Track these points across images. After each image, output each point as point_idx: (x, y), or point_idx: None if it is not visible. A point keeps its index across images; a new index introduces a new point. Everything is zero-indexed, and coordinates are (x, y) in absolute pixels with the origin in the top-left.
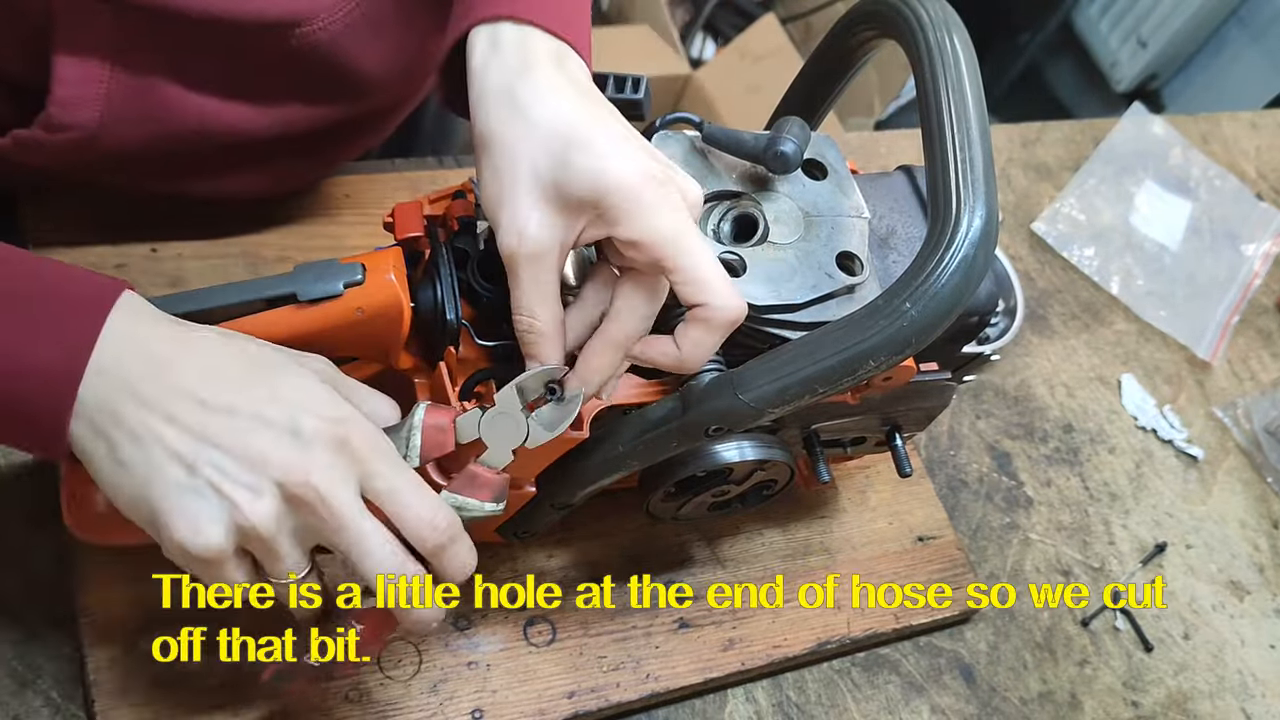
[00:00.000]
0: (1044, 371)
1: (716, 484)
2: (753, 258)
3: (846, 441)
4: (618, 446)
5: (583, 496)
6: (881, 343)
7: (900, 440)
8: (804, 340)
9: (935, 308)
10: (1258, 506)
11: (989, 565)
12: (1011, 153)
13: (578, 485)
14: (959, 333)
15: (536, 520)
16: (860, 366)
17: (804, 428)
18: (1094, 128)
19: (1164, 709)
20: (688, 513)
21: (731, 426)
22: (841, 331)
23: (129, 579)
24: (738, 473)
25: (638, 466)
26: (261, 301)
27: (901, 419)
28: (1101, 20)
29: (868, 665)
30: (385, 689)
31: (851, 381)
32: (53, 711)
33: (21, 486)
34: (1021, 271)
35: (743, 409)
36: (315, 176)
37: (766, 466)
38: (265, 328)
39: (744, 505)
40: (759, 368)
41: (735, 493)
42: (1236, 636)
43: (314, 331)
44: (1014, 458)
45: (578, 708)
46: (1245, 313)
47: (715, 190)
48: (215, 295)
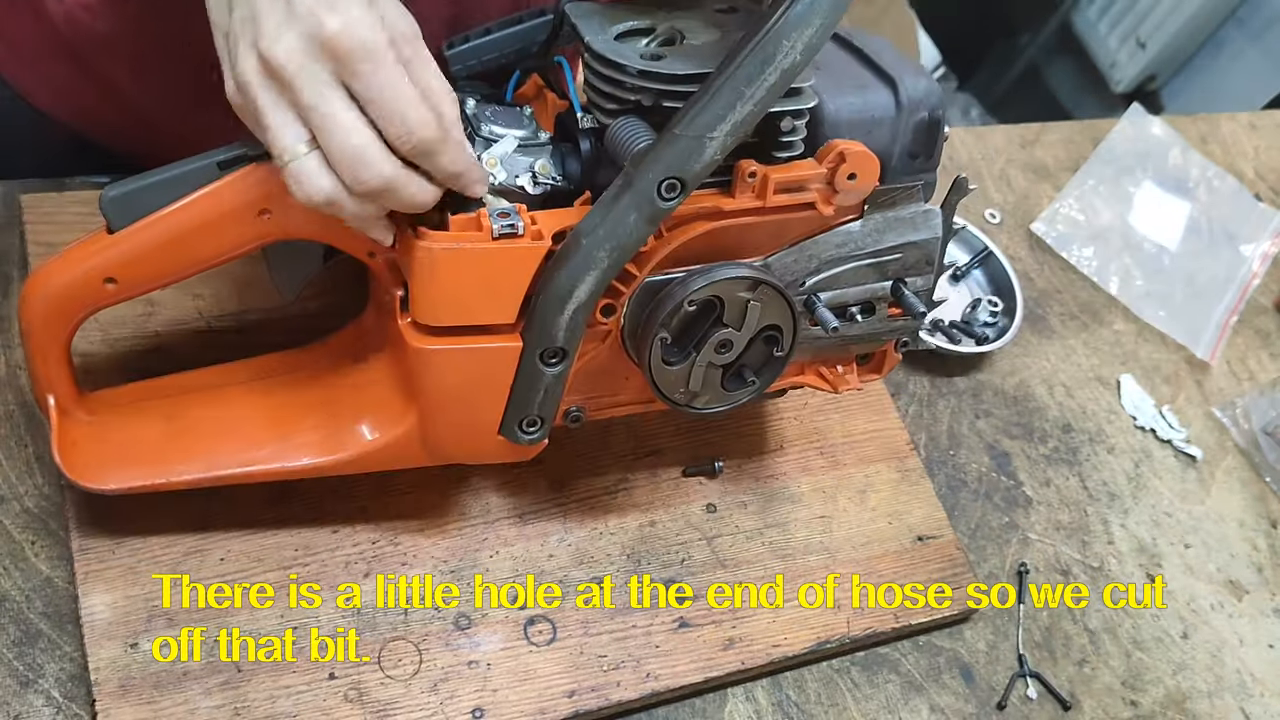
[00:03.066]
0: (1043, 371)
1: (713, 327)
2: (672, 52)
3: (856, 311)
4: (580, 241)
5: (567, 330)
6: (790, 18)
7: (907, 290)
8: (724, 60)
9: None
10: (1256, 506)
11: (988, 565)
12: (1010, 153)
13: (555, 308)
14: (916, 137)
15: (535, 390)
16: (777, 51)
17: (799, 286)
18: (1093, 128)
19: (1163, 708)
20: (700, 389)
21: (681, 175)
22: (751, 33)
23: (129, 579)
24: (731, 309)
25: (606, 263)
26: (214, 167)
27: (899, 267)
28: (1100, 21)
29: (867, 664)
30: (385, 688)
31: (777, 77)
32: (54, 711)
33: (22, 486)
34: (1021, 272)
35: (683, 144)
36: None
37: (758, 293)
38: (224, 191)
39: (759, 378)
40: (689, 107)
41: (740, 347)
42: (1235, 636)
43: (269, 191)
44: (1013, 457)
45: (578, 707)
46: (1244, 313)
47: (631, 26)
48: (173, 169)
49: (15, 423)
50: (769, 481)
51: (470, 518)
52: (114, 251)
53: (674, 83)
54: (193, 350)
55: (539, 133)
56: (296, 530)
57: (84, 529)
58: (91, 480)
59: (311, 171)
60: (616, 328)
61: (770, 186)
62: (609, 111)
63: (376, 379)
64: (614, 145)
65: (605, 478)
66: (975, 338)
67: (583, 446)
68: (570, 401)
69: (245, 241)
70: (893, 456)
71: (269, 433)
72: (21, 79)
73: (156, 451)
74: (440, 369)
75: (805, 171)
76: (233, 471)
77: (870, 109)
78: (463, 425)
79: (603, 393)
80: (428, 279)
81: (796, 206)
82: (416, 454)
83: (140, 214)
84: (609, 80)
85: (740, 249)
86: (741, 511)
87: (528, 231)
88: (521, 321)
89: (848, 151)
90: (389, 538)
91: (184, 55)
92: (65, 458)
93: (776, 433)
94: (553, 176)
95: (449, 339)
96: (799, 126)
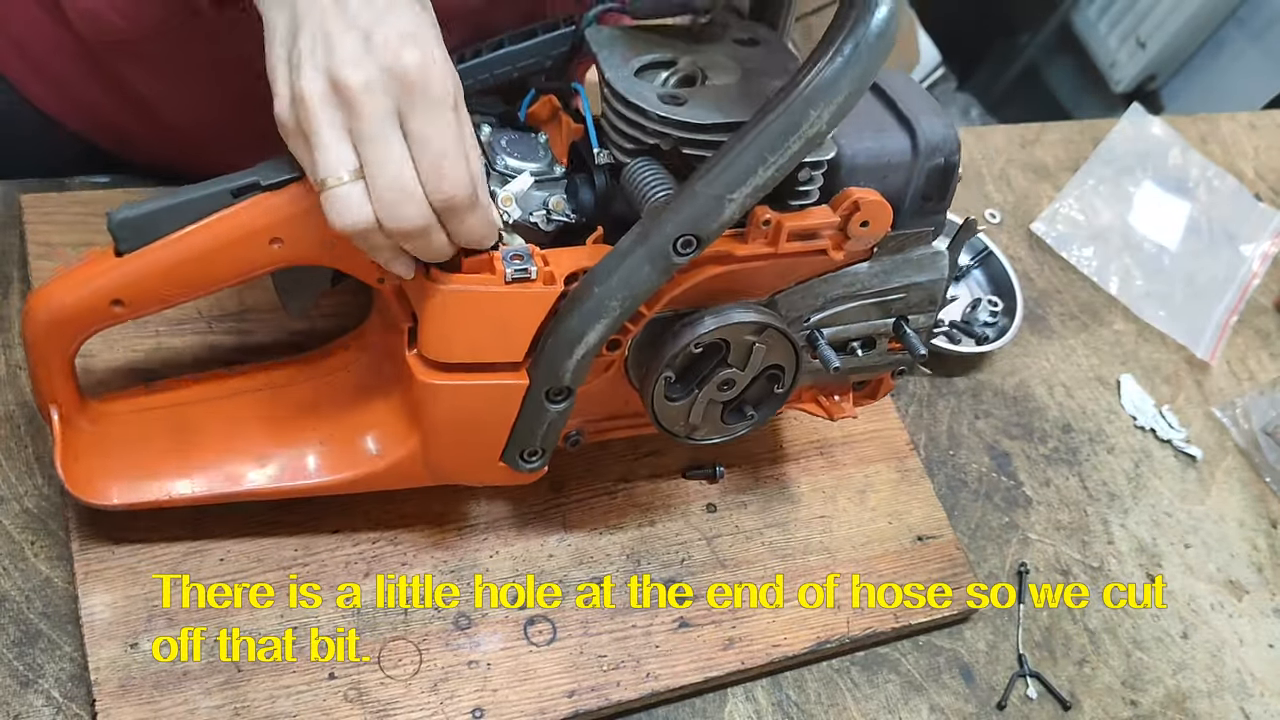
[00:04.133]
0: (1043, 371)
1: (717, 367)
2: (693, 94)
3: (857, 346)
4: (592, 289)
5: (574, 372)
6: (819, 86)
7: (909, 329)
8: (749, 121)
9: (863, 50)
10: (1256, 506)
11: (988, 565)
12: (1010, 153)
13: (564, 352)
14: (930, 180)
15: (539, 425)
16: (803, 120)
17: (803, 321)
18: (1093, 128)
19: (1163, 708)
20: (700, 423)
21: (698, 233)
22: (779, 94)
23: (129, 579)
24: (736, 351)
25: (618, 312)
26: (227, 194)
27: (903, 306)
28: (1100, 21)
29: (867, 664)
30: (385, 688)
31: (802, 145)
32: (54, 711)
33: (22, 486)
34: (1021, 272)
35: (702, 202)
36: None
37: (764, 336)
38: (236, 219)
39: (758, 413)
40: (711, 165)
41: (743, 386)
42: (1235, 636)
43: (281, 220)
44: (1013, 457)
45: (578, 707)
46: (1244, 313)
47: (653, 59)
48: (184, 193)
49: (15, 423)
50: (769, 481)
51: (470, 518)
52: (122, 273)
53: (693, 130)
54: (193, 351)
55: (554, 165)
56: (296, 530)
57: (84, 529)
58: (95, 496)
59: (355, 199)
60: (620, 358)
61: (784, 234)
62: (626, 150)
63: (380, 398)
64: (630, 188)
65: (605, 478)
66: (975, 338)
67: (583, 447)
68: (570, 426)
69: (256, 268)
70: (892, 456)
71: (273, 451)
72: (28, 81)
73: (159, 469)
74: (446, 402)
75: (819, 220)
76: (235, 490)
77: (886, 154)
78: (465, 452)
79: (602, 415)
80: (439, 319)
81: (808, 251)
82: (418, 474)
83: (151, 237)
84: (628, 120)
85: (749, 289)
86: (741, 511)
87: (540, 275)
88: (529, 359)
89: (862, 200)
90: (389, 538)
91: (216, 64)
92: (68, 472)
93: (776, 433)
94: (566, 213)
95: (456, 375)
96: (816, 176)
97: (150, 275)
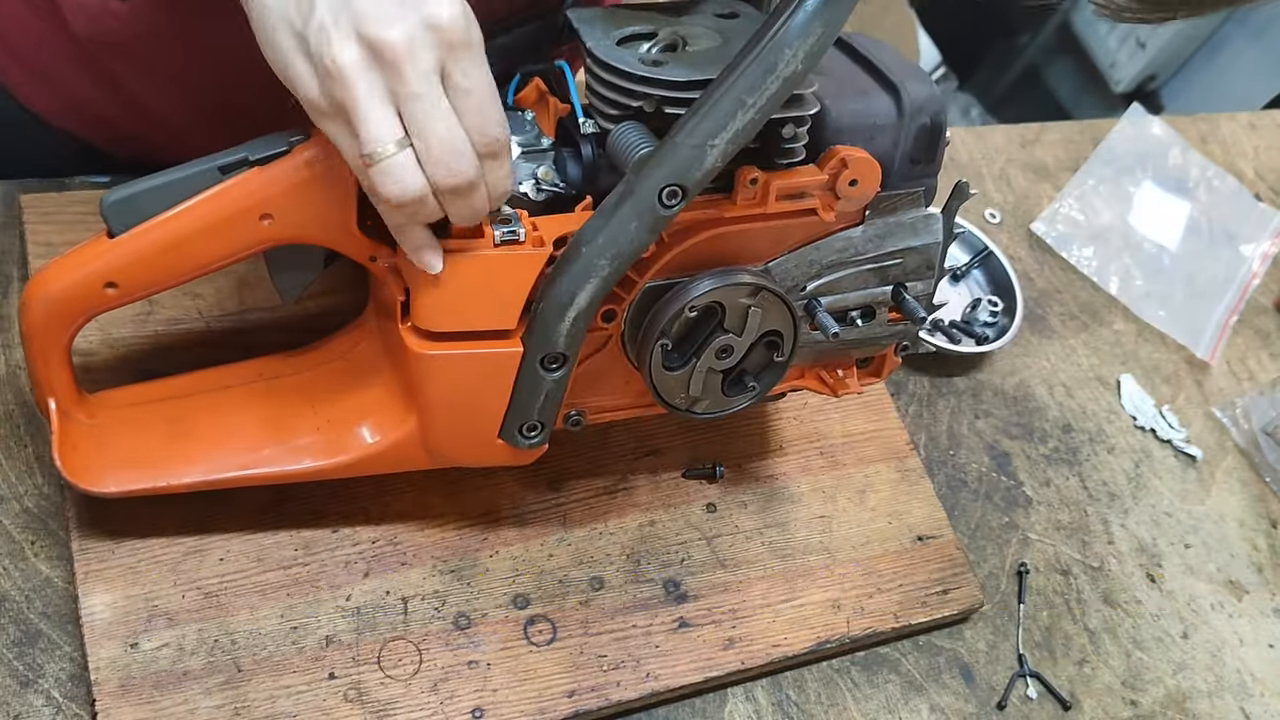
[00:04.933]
0: (1043, 371)
1: (714, 333)
2: (674, 58)
3: (856, 315)
4: (580, 249)
5: (568, 337)
6: (793, 26)
7: (908, 294)
8: (727, 68)
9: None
10: (1256, 506)
11: (988, 565)
12: (1010, 153)
13: (556, 315)
14: (918, 142)
15: (536, 395)
16: (779, 60)
17: (800, 290)
18: (1093, 128)
19: (1163, 708)
20: (701, 394)
21: (683, 182)
22: (754, 38)
23: (129, 579)
24: (731, 315)
25: (607, 271)
26: (215, 171)
27: (899, 272)
28: (1100, 21)
29: (867, 664)
30: (385, 688)
31: (779, 86)
32: (54, 711)
33: (22, 486)
34: (1020, 272)
35: (684, 152)
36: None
37: (759, 299)
38: (226, 195)
39: (759, 383)
40: (691, 115)
41: (741, 353)
42: (1235, 636)
43: (271, 195)
44: (1013, 457)
45: (578, 707)
46: (1244, 313)
47: (634, 31)
48: (173, 173)
49: (15, 423)
50: (769, 481)
51: (470, 517)
52: (114, 256)
53: (675, 89)
54: (193, 350)
55: (541, 138)
56: (296, 530)
57: (84, 529)
58: (92, 483)
59: (408, 167)
60: (617, 332)
61: (771, 193)
62: (610, 116)
63: (377, 382)
64: (615, 151)
65: (605, 478)
66: (975, 338)
67: (583, 446)
68: (570, 405)
69: (247, 246)
70: (892, 456)
71: (269, 436)
72: (21, 84)
73: (157, 455)
74: (441, 374)
75: (807, 178)
76: (233, 475)
77: (872, 114)
78: (463, 429)
79: (603, 396)
80: (429, 285)
81: (798, 212)
82: (417, 457)
83: (141, 218)
84: (610, 85)
85: (741, 255)
86: (741, 511)
87: (529, 238)
88: (522, 327)
89: (849, 158)
90: (389, 537)
91: (214, 63)
92: (66, 461)
93: (776, 433)
94: (555, 182)
95: (450, 344)
96: (801, 133)
97: (141, 256)
